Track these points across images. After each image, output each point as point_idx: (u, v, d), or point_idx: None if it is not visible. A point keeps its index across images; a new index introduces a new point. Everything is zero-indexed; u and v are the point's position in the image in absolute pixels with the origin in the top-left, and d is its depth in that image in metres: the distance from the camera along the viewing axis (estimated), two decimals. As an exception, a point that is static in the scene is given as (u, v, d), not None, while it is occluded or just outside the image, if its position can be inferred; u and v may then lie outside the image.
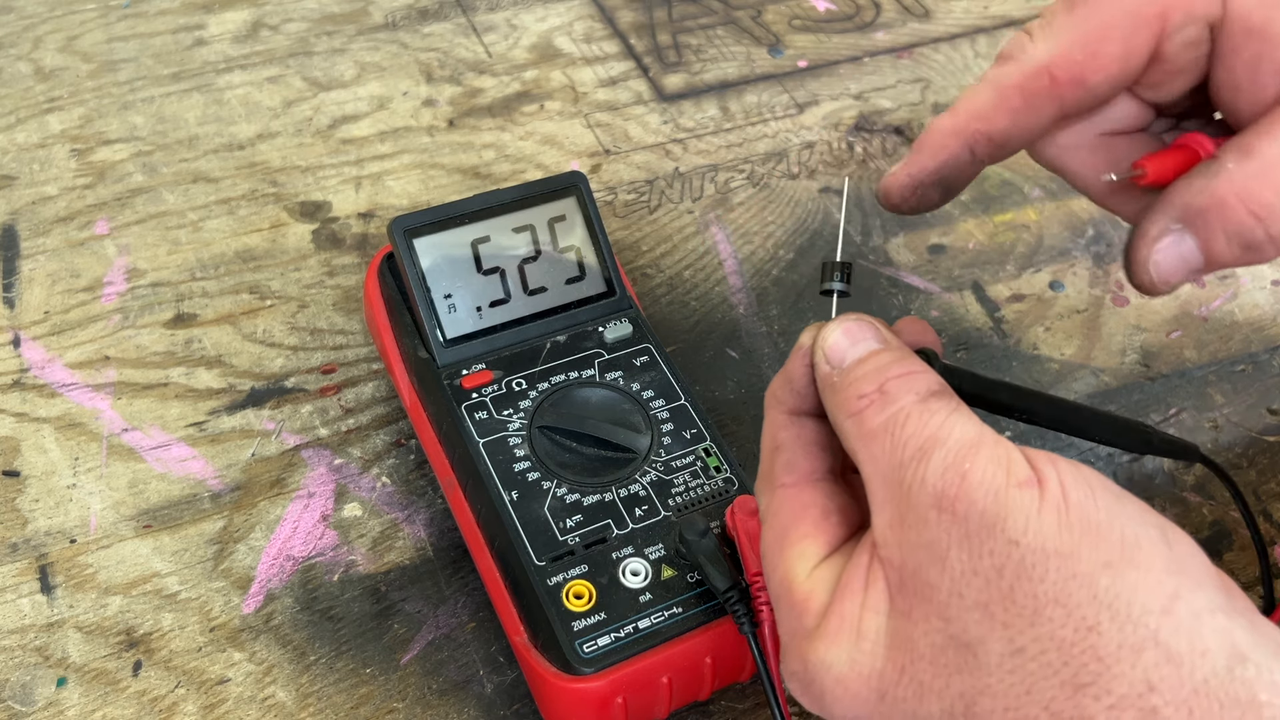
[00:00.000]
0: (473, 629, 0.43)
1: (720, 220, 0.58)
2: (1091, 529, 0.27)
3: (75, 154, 0.57)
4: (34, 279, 0.52)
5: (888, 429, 0.30)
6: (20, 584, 0.43)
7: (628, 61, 0.65)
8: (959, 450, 0.28)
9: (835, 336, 0.33)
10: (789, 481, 0.33)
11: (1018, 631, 0.27)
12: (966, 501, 0.28)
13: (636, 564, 0.40)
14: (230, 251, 0.54)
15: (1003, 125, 0.35)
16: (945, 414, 0.29)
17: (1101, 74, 0.34)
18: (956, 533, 0.28)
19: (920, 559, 0.28)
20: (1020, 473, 0.28)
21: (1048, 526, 0.27)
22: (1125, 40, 0.33)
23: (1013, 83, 0.34)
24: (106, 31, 0.63)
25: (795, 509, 0.33)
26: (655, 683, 0.38)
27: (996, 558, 0.27)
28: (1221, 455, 0.50)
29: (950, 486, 0.28)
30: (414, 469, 0.47)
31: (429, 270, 0.44)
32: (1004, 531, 0.27)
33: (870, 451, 0.30)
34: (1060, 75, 0.34)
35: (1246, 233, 0.32)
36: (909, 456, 0.29)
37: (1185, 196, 0.33)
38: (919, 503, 0.28)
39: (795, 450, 0.34)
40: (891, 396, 0.30)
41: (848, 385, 0.31)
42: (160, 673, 0.41)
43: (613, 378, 0.44)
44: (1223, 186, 0.32)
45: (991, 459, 0.28)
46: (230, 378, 0.49)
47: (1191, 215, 0.33)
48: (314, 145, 0.59)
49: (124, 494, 0.46)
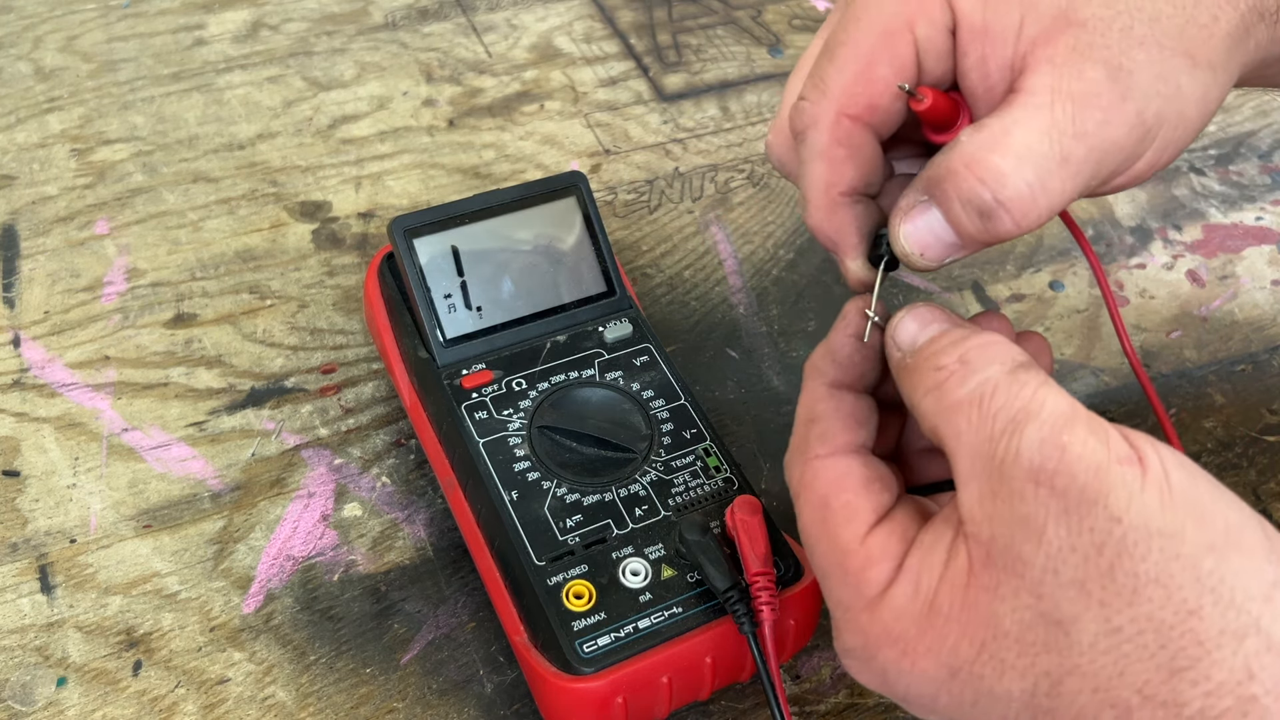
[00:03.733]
0: (473, 629, 0.43)
1: (720, 220, 0.58)
2: (1196, 510, 0.27)
3: (75, 154, 0.57)
4: (34, 279, 0.52)
5: (975, 400, 0.29)
6: (20, 584, 0.43)
7: (628, 61, 0.65)
8: (1055, 422, 0.28)
9: (904, 321, 0.33)
10: (824, 452, 0.33)
11: (1115, 611, 0.27)
12: (1067, 475, 0.27)
13: (636, 564, 0.40)
14: (230, 251, 0.54)
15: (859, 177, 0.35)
16: (1035, 385, 0.29)
17: (886, 93, 0.34)
18: (1055, 507, 0.27)
19: (1014, 534, 0.28)
20: (1121, 449, 0.28)
21: (1151, 505, 0.27)
22: (891, 58, 0.34)
23: (824, 145, 0.35)
24: (106, 31, 0.63)
25: (833, 478, 0.33)
26: (655, 683, 0.38)
27: (1097, 534, 0.27)
28: (1222, 455, 0.50)
29: (1049, 460, 0.28)
30: (414, 469, 0.47)
31: (429, 270, 0.44)
32: (1106, 508, 0.27)
33: (955, 425, 0.30)
34: (855, 111, 0.35)
35: (976, 198, 0.32)
36: (1000, 429, 0.29)
37: (929, 172, 0.34)
38: (1013, 476, 0.28)
39: (832, 422, 0.34)
40: (975, 366, 0.30)
41: (923, 360, 0.31)
42: (160, 672, 0.41)
43: (613, 378, 0.44)
44: (955, 157, 0.33)
45: (1090, 433, 0.28)
46: (230, 378, 0.49)
47: (932, 186, 0.34)
48: (314, 145, 0.59)
49: (124, 494, 0.46)
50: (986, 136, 0.32)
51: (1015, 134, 0.32)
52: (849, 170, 0.35)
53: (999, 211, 0.32)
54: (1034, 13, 0.33)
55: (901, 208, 0.35)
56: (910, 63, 0.34)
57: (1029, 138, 0.32)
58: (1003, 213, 0.32)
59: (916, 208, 0.35)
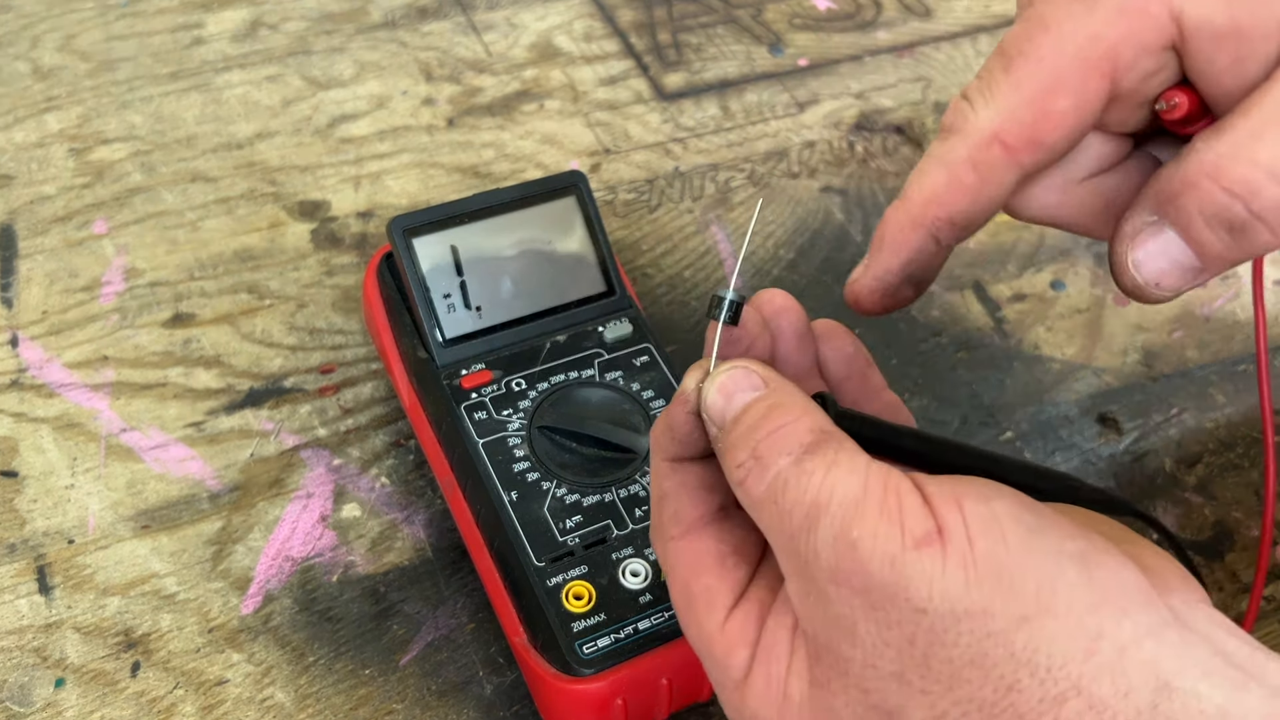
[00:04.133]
0: (472, 630, 0.43)
1: (721, 220, 0.57)
2: (1004, 581, 0.26)
3: (73, 153, 0.57)
4: (32, 279, 0.52)
5: (771, 498, 0.28)
6: (18, 584, 0.43)
7: (628, 60, 0.65)
8: (844, 515, 0.27)
9: (711, 396, 0.31)
10: (677, 533, 0.32)
11: (938, 697, 0.26)
12: (863, 575, 0.26)
13: (636, 565, 0.39)
14: (229, 251, 0.54)
15: (963, 205, 0.32)
16: (823, 472, 0.27)
17: (1057, 131, 0.31)
18: (860, 606, 0.27)
19: (830, 633, 0.27)
20: (917, 527, 0.26)
21: (954, 587, 0.26)
22: (1075, 92, 0.31)
23: (962, 158, 0.32)
24: (105, 30, 0.63)
25: (690, 561, 0.32)
26: (655, 684, 0.38)
27: (905, 627, 0.26)
28: (1224, 455, 0.50)
29: (843, 560, 0.27)
30: (413, 469, 0.47)
31: (428, 270, 0.44)
32: (908, 601, 0.26)
33: (763, 522, 0.29)
34: (1012, 141, 0.31)
35: (1224, 211, 0.29)
36: (797, 527, 0.27)
37: (1157, 187, 0.31)
38: (817, 577, 0.27)
39: (680, 499, 0.32)
40: (765, 461, 0.28)
41: (727, 452, 0.30)
42: (159, 673, 0.41)
43: (612, 378, 0.44)
44: (1193, 168, 0.29)
45: (881, 519, 0.26)
46: (229, 378, 0.49)
47: (1164, 204, 0.30)
48: (313, 144, 0.59)
49: (122, 494, 0.45)
50: (1231, 142, 0.29)
51: (1269, 136, 0.29)
52: (963, 200, 0.32)
53: (1255, 225, 0.29)
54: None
55: (1126, 233, 0.31)
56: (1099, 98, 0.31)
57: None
58: (1260, 226, 0.29)
59: (1145, 231, 0.31)
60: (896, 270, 0.33)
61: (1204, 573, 0.47)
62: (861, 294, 0.35)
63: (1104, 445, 0.50)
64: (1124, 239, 0.31)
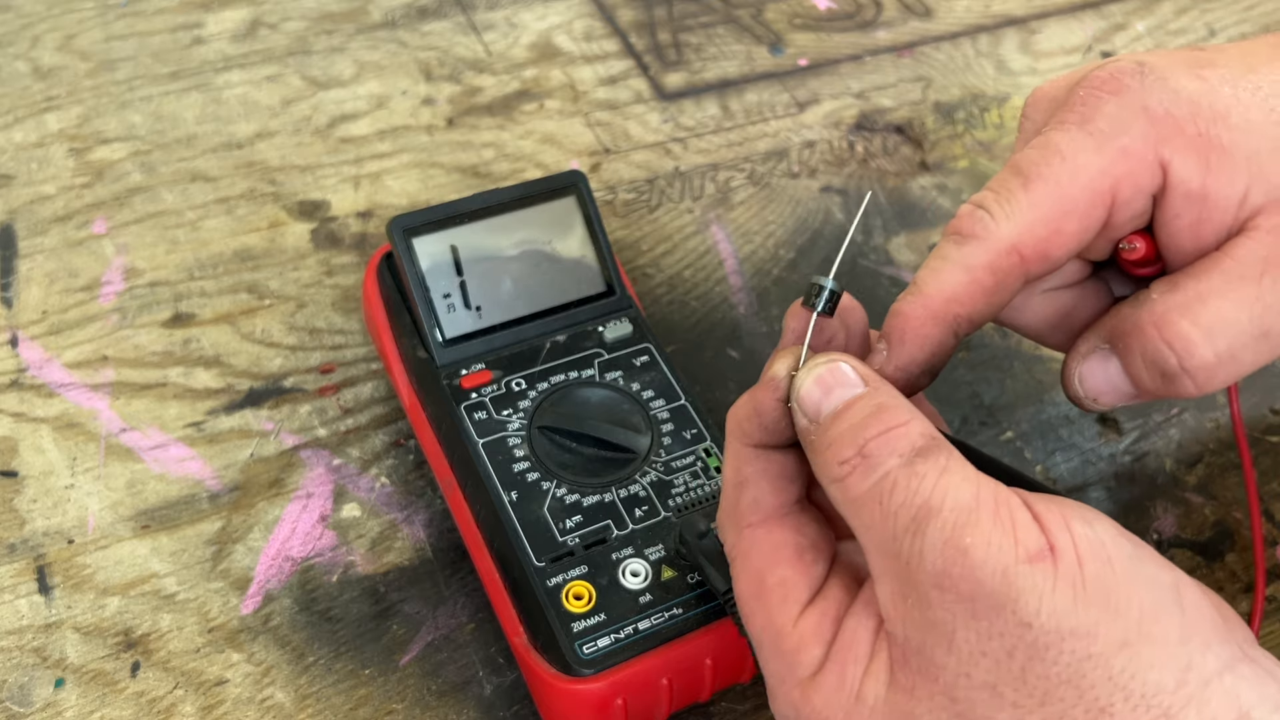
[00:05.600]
0: (472, 630, 0.43)
1: (721, 220, 0.57)
2: (1110, 605, 0.26)
3: (73, 153, 0.57)
4: (32, 278, 0.52)
5: (876, 497, 0.28)
6: (18, 584, 0.43)
7: (628, 60, 0.65)
8: (956, 521, 0.27)
9: (808, 387, 0.31)
10: (756, 520, 0.32)
11: (1027, 712, 0.27)
12: (972, 582, 0.27)
13: (636, 565, 0.39)
14: (228, 251, 0.54)
15: (979, 306, 0.34)
16: (935, 476, 0.28)
17: (1063, 249, 0.34)
18: (962, 613, 0.27)
19: (925, 638, 0.28)
20: (1030, 543, 0.27)
21: (1062, 605, 0.26)
22: (1083, 217, 0.33)
23: (983, 263, 0.33)
24: (104, 30, 0.63)
25: (767, 550, 0.32)
26: (655, 684, 0.38)
27: (1007, 639, 0.26)
28: (1224, 455, 0.50)
29: (952, 565, 0.27)
30: (413, 469, 0.47)
31: (428, 270, 0.44)
32: (1015, 614, 0.26)
33: (861, 521, 0.29)
34: (1028, 253, 0.33)
35: (1161, 361, 0.32)
36: (902, 529, 0.28)
37: (1113, 321, 0.34)
38: (920, 580, 0.27)
39: (761, 486, 0.32)
40: (874, 461, 0.29)
41: (827, 447, 0.30)
42: (158, 674, 0.41)
43: (612, 378, 0.44)
44: (1144, 314, 0.33)
45: (995, 528, 0.27)
46: (228, 377, 0.49)
47: (1116, 338, 0.34)
48: (313, 144, 0.58)
49: (122, 494, 0.45)
50: (1180, 299, 0.32)
51: (1212, 303, 0.32)
52: (979, 300, 0.34)
53: (1182, 377, 0.32)
54: (1261, 183, 0.32)
55: (1080, 352, 0.35)
56: (1097, 225, 0.34)
57: (1228, 309, 0.31)
58: (1186, 379, 0.32)
59: (1095, 354, 0.34)
60: (919, 363, 0.34)
61: (1204, 573, 0.47)
62: None
63: (1104, 445, 0.50)
64: (1077, 355, 0.35)
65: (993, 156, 0.62)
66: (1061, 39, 0.68)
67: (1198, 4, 0.72)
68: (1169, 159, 0.33)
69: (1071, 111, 0.34)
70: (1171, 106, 0.33)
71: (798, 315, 0.33)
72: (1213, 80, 0.34)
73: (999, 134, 0.63)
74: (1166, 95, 0.33)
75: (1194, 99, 0.33)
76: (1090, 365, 0.35)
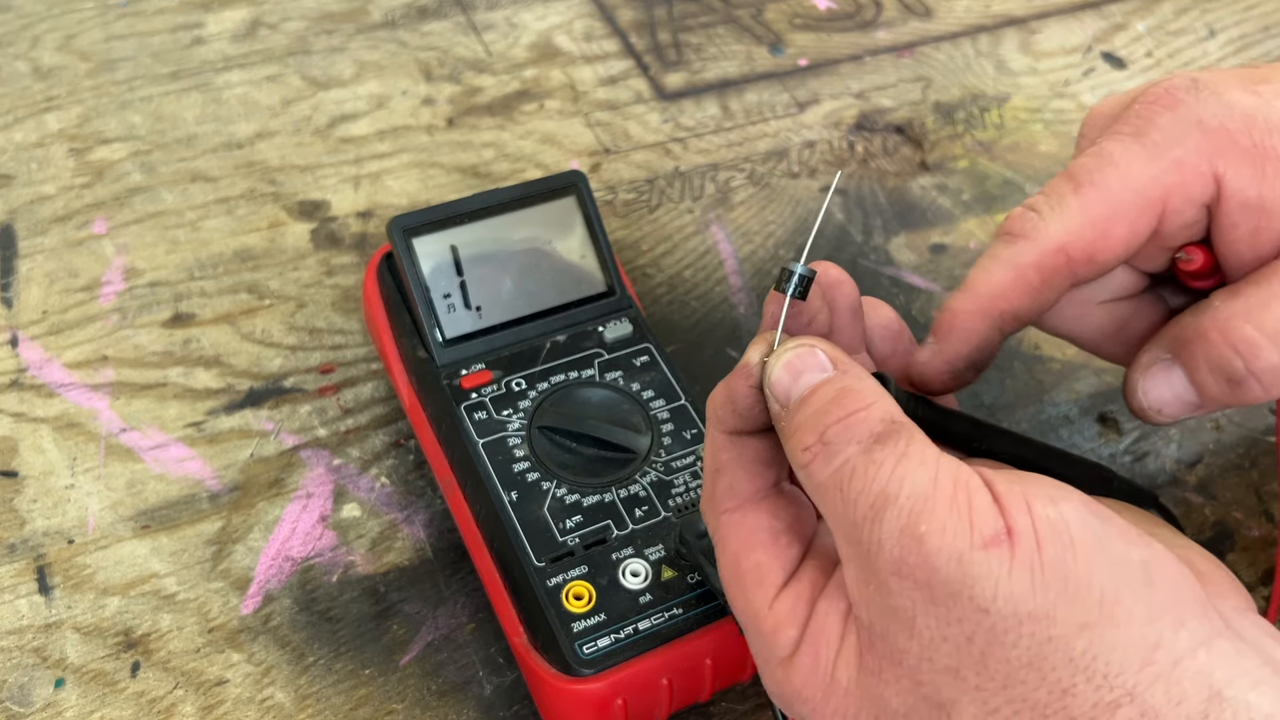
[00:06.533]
0: (472, 630, 0.43)
1: (721, 219, 0.57)
2: (1069, 588, 0.26)
3: (73, 153, 0.57)
4: (32, 278, 0.52)
5: (836, 485, 0.28)
6: (18, 584, 0.43)
7: (628, 60, 0.65)
8: (912, 509, 0.27)
9: (778, 373, 0.31)
10: (732, 506, 0.32)
11: (991, 694, 0.27)
12: (928, 570, 0.27)
13: (636, 565, 0.39)
14: (228, 251, 0.54)
15: (1025, 304, 0.35)
16: (893, 463, 0.28)
17: (1110, 252, 0.35)
18: (921, 600, 0.27)
19: (888, 624, 0.28)
20: (986, 527, 0.27)
21: (1019, 589, 0.26)
22: (1132, 222, 0.34)
23: (1030, 262, 0.35)
24: (104, 30, 0.63)
25: (743, 535, 0.32)
26: (655, 684, 0.38)
27: (966, 625, 0.27)
28: (1224, 455, 0.50)
29: (908, 553, 0.27)
30: (413, 469, 0.47)
31: (428, 270, 0.44)
32: (971, 600, 0.26)
33: (825, 507, 0.29)
34: (1075, 254, 0.35)
35: (1226, 365, 0.33)
36: (861, 517, 0.28)
37: (1175, 330, 0.35)
38: (879, 568, 0.27)
39: (737, 472, 0.32)
40: (834, 448, 0.29)
41: (793, 433, 0.30)
42: (158, 674, 0.41)
43: (612, 378, 0.44)
44: (1206, 321, 0.33)
45: (950, 514, 0.27)
46: (228, 378, 0.49)
47: (1178, 346, 0.34)
48: (313, 144, 0.58)
49: (122, 494, 0.45)
50: (1244, 305, 0.33)
51: (1276, 307, 0.32)
52: (1025, 298, 0.35)
53: (1249, 381, 0.33)
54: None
55: (1142, 363, 0.35)
56: (1146, 233, 0.35)
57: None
58: (1254, 383, 0.33)
59: (1158, 365, 0.35)
60: (965, 356, 0.35)
61: (1204, 573, 0.47)
62: (929, 375, 0.37)
63: (1104, 445, 0.50)
64: (1139, 367, 0.36)
65: (993, 156, 0.62)
66: (1061, 39, 0.68)
67: (1198, 4, 0.72)
68: (1223, 171, 0.34)
69: (1126, 124, 0.35)
70: (1226, 120, 0.34)
71: (774, 300, 0.33)
72: (1266, 95, 0.34)
73: (999, 134, 0.63)
74: (1221, 109, 0.34)
75: (1248, 113, 0.34)
76: (1153, 377, 0.35)
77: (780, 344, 0.32)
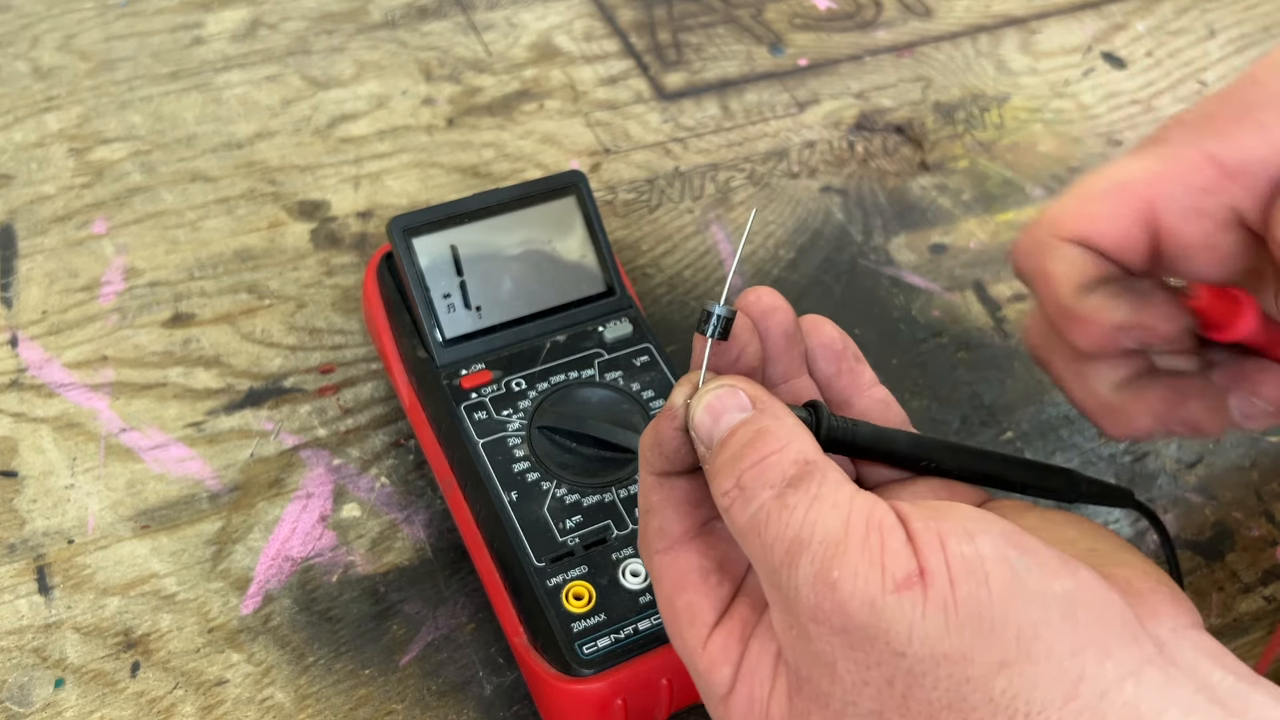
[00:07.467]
0: (472, 630, 0.43)
1: (721, 219, 0.57)
2: (984, 626, 0.26)
3: (73, 153, 0.57)
4: (31, 278, 0.52)
5: (754, 530, 0.28)
6: (18, 584, 0.43)
7: (628, 60, 0.65)
8: (824, 554, 0.27)
9: (699, 415, 0.30)
10: (663, 547, 0.32)
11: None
12: (842, 615, 0.26)
13: (636, 565, 0.39)
14: (228, 251, 0.54)
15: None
16: (805, 507, 0.28)
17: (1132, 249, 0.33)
18: (840, 645, 0.27)
19: (811, 668, 0.28)
20: (899, 569, 0.26)
21: (934, 630, 0.26)
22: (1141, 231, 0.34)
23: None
24: (104, 30, 0.63)
25: (674, 576, 0.32)
26: (655, 684, 0.38)
27: (885, 669, 0.26)
28: (1224, 455, 0.50)
29: (823, 600, 0.27)
30: (413, 469, 0.47)
31: (428, 270, 0.44)
32: (888, 644, 0.26)
33: (747, 550, 0.29)
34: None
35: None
36: (779, 562, 0.27)
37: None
38: (799, 614, 0.27)
39: (666, 513, 0.32)
40: (749, 493, 0.28)
41: (714, 476, 0.30)
42: (158, 674, 0.41)
43: (612, 378, 0.44)
44: None
45: (862, 559, 0.26)
46: (228, 378, 0.49)
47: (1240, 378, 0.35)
48: (312, 144, 0.58)
49: (122, 494, 0.45)
50: None
51: None
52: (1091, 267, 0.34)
53: None
54: None
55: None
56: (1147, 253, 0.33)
57: None
58: None
59: None
60: None
61: (1204, 573, 0.46)
62: None
63: (1104, 445, 0.50)
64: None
65: (993, 156, 0.62)
66: (1061, 39, 0.68)
67: (1198, 4, 0.72)
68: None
69: None
70: None
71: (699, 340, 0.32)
72: None
73: (999, 134, 0.63)
74: None
75: None
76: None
77: (705, 383, 0.31)
